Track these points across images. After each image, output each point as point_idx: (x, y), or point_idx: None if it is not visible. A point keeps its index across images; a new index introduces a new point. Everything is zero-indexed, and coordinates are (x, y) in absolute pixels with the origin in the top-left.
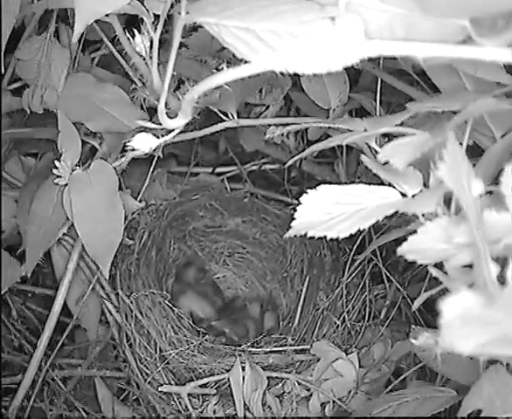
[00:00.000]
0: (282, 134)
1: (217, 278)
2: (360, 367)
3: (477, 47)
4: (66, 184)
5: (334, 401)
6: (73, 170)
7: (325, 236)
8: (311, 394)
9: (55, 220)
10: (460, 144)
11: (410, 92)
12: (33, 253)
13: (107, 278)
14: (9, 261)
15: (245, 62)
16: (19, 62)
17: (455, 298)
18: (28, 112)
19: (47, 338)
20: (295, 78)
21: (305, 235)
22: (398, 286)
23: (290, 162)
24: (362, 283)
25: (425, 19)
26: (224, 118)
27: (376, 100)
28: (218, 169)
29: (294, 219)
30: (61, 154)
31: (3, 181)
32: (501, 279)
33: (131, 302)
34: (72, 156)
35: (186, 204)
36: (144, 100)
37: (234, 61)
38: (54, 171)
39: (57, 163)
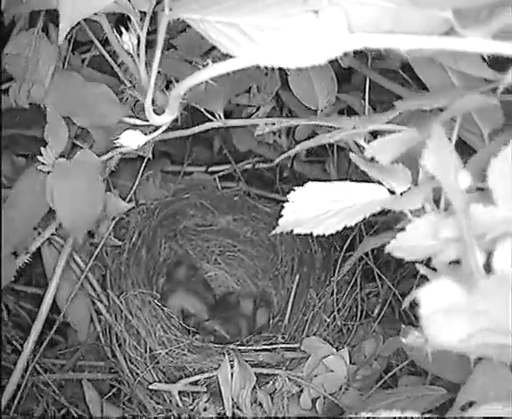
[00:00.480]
0: (274, 134)
1: (209, 276)
2: (352, 363)
3: (458, 38)
4: (49, 172)
5: (325, 397)
6: (57, 159)
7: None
8: (302, 391)
9: (36, 209)
10: (449, 140)
11: (398, 91)
12: (10, 239)
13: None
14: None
15: (231, 58)
16: (8, 57)
17: (434, 286)
18: (15, 108)
19: (34, 339)
20: (285, 77)
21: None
22: (390, 285)
23: (278, 160)
24: (353, 281)
25: (413, 12)
26: (212, 118)
27: (364, 100)
28: (212, 168)
29: (281, 216)
30: (47, 143)
31: None
32: (488, 269)
33: (121, 302)
34: (58, 145)
35: (177, 203)
36: (134, 105)
37: (222, 60)
38: (39, 158)
39: (42, 149)
